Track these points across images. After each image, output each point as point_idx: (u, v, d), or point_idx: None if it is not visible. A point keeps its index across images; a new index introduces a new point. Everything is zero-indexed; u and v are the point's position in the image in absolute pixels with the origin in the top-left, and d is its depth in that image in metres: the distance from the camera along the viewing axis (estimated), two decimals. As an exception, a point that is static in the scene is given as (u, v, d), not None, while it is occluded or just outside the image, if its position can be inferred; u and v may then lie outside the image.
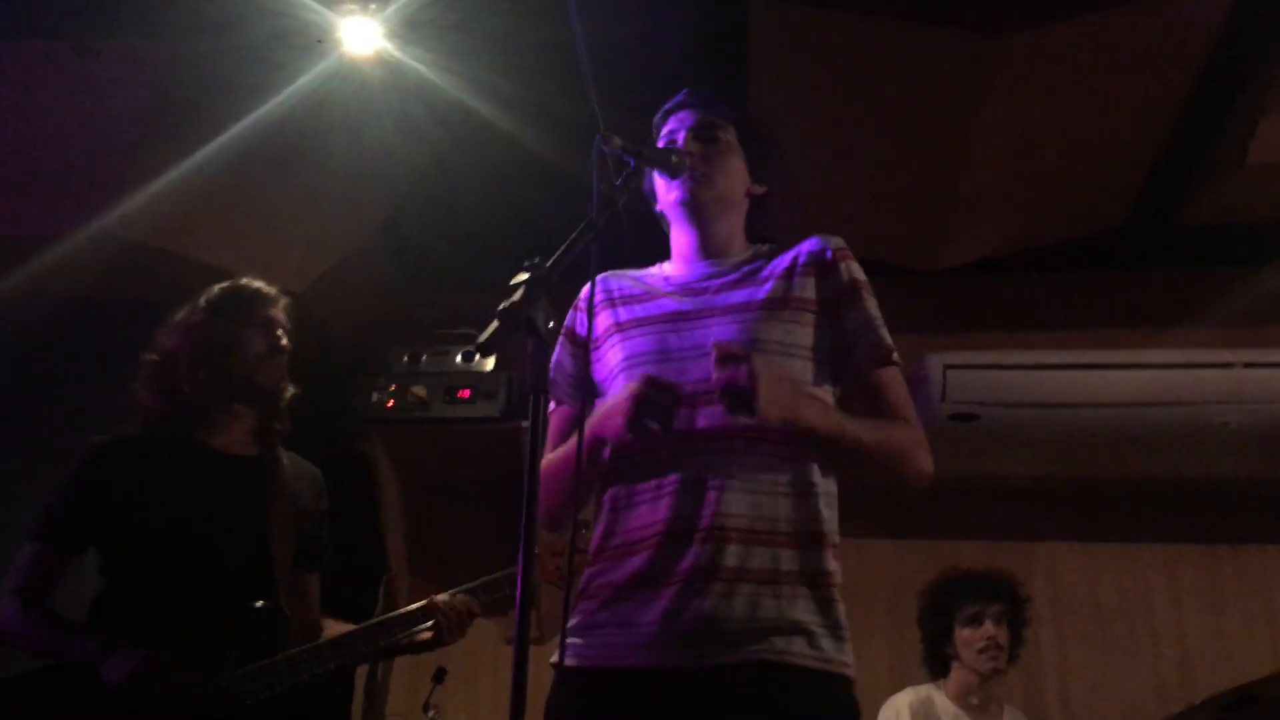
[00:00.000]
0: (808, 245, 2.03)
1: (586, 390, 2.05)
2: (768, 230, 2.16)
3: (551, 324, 1.63)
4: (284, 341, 2.63)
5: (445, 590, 2.67)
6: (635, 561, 1.84)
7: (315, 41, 3.39)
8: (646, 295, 2.09)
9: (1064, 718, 4.75)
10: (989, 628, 3.59)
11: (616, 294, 2.12)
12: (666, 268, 2.16)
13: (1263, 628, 4.88)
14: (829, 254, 2.00)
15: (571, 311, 2.17)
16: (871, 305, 1.99)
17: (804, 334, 1.94)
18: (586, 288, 2.08)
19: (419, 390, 4.48)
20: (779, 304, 1.96)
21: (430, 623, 2.59)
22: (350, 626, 2.63)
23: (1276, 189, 3.87)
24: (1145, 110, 3.80)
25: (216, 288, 2.69)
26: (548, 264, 1.68)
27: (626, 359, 2.00)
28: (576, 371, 2.10)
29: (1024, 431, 4.34)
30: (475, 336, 4.60)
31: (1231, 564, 4.99)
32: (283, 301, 2.70)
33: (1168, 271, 4.52)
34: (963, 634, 3.61)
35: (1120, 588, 5.01)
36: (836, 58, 3.55)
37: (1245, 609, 4.90)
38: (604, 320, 2.09)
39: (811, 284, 1.98)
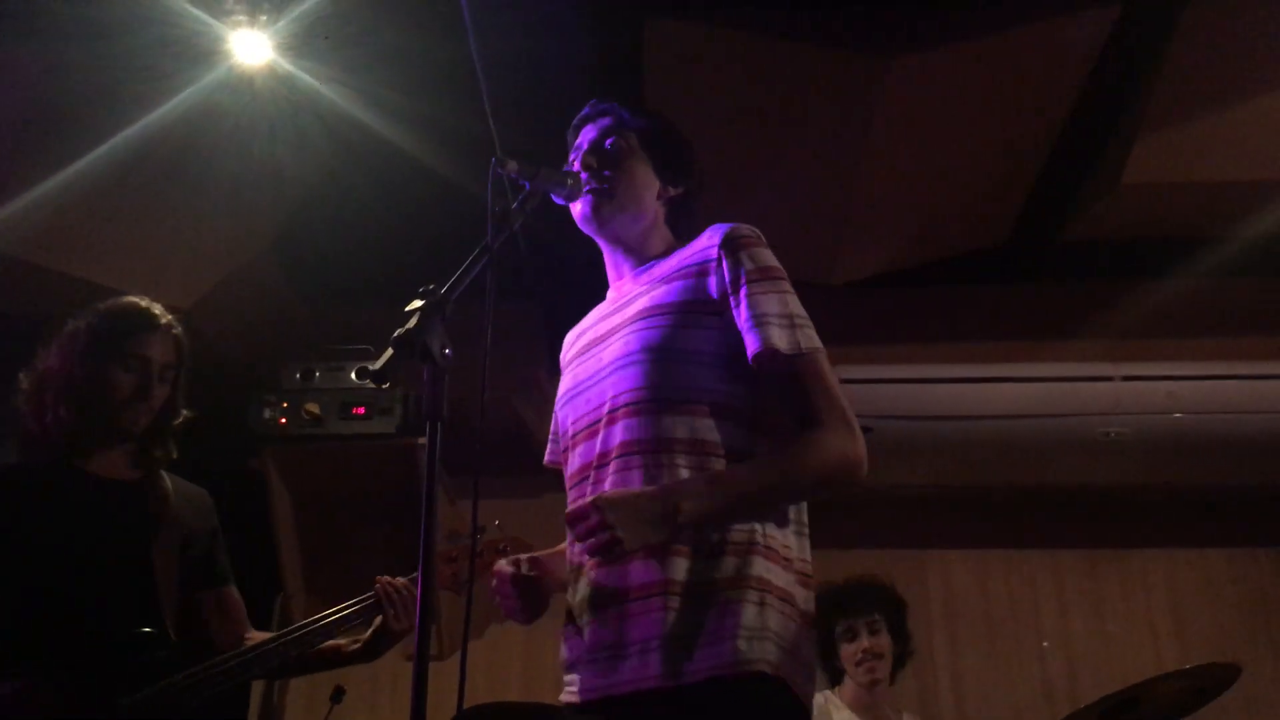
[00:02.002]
0: (703, 240, 1.97)
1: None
2: (697, 228, 2.07)
3: (447, 350, 1.61)
4: (155, 388, 2.53)
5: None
6: (569, 595, 1.87)
7: (204, 53, 3.32)
8: (585, 331, 2.11)
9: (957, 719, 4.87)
10: (863, 640, 3.63)
11: (571, 343, 2.16)
12: (608, 293, 2.15)
13: (1144, 629, 5.07)
14: (714, 251, 1.91)
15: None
16: (762, 299, 1.84)
17: (703, 338, 1.86)
18: (565, 343, 2.18)
19: (313, 407, 4.41)
20: (674, 309, 1.90)
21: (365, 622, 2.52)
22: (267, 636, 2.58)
23: (1152, 208, 4.03)
24: (1027, 132, 3.93)
25: (104, 308, 2.56)
26: (442, 290, 1.66)
27: (558, 402, 2.07)
28: (556, 429, 2.13)
29: (916, 443, 4.44)
30: (370, 352, 4.59)
31: (1114, 568, 5.17)
32: (173, 332, 2.57)
33: (1051, 287, 4.66)
34: (842, 650, 3.66)
35: (1009, 593, 5.15)
36: (730, 76, 3.60)
37: (1127, 611, 5.09)
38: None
39: (705, 283, 1.90)
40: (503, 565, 1.90)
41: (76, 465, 2.49)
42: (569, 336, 2.20)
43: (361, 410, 4.43)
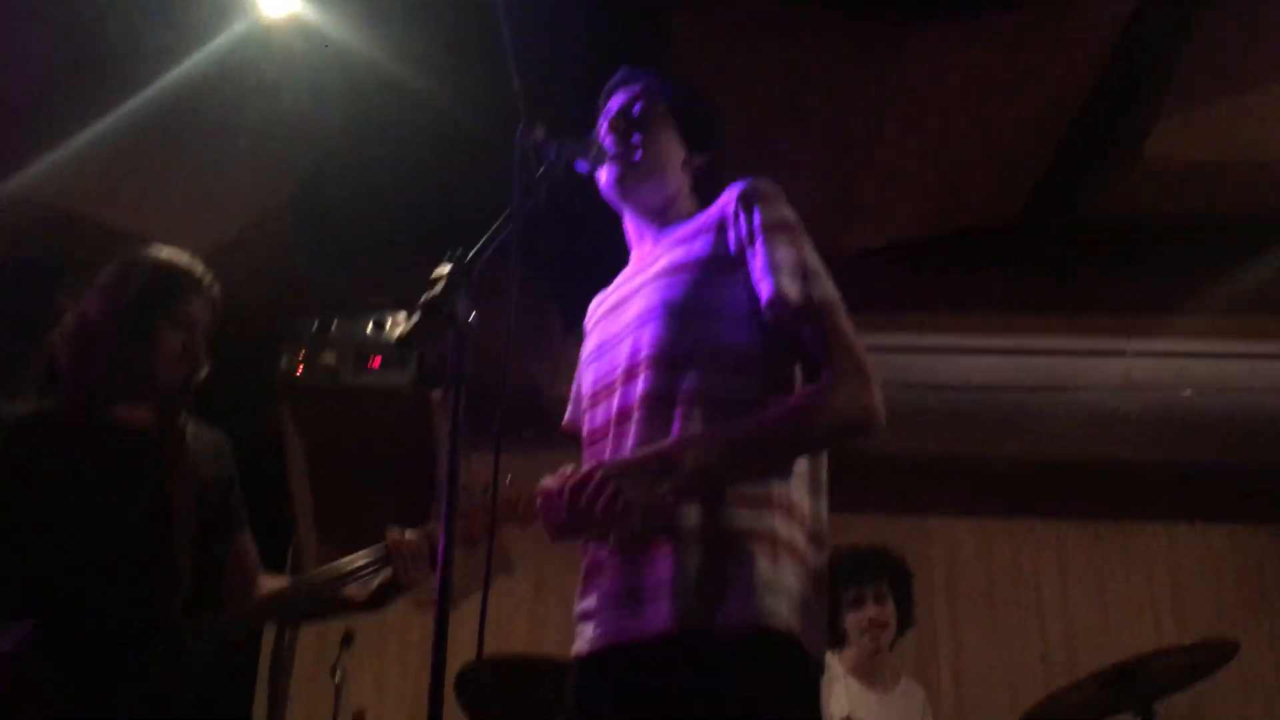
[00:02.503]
0: (723, 196, 1.99)
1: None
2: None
3: (472, 316, 1.64)
4: (200, 348, 2.57)
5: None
6: (588, 549, 1.90)
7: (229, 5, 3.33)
8: (609, 295, 2.13)
9: (955, 688, 4.94)
10: (870, 609, 3.67)
11: (595, 307, 2.17)
12: (631, 258, 2.17)
13: (1143, 601, 5.13)
14: (732, 205, 1.93)
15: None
16: (776, 249, 1.85)
17: (723, 292, 1.88)
18: (590, 309, 2.20)
19: (329, 358, 4.45)
20: (694, 265, 1.92)
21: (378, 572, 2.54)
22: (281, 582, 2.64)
23: (1170, 186, 4.02)
24: (1047, 106, 3.92)
25: (149, 261, 2.56)
26: (468, 256, 1.69)
27: (581, 364, 2.10)
28: (576, 392, 2.16)
29: (922, 412, 4.47)
30: (386, 304, 4.62)
31: (1116, 541, 5.22)
32: (213, 293, 2.60)
33: (1066, 261, 4.64)
34: (848, 617, 3.72)
35: (1012, 562, 5.21)
36: (755, 44, 3.60)
37: (1127, 583, 5.15)
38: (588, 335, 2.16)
39: (724, 238, 1.92)
40: (548, 481, 1.82)
41: (98, 415, 2.53)
42: (594, 302, 2.21)
43: (377, 362, 4.47)
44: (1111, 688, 3.13)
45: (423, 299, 1.62)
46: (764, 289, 1.83)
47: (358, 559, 2.57)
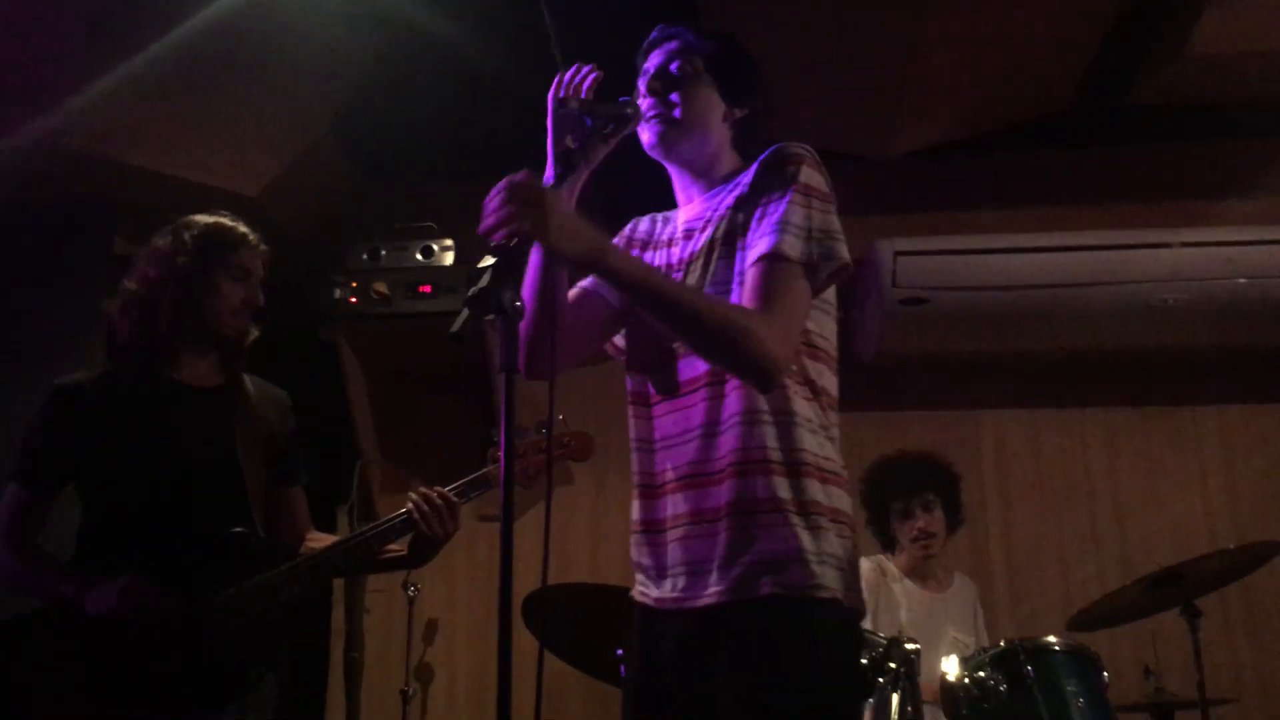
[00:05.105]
0: (754, 165, 2.01)
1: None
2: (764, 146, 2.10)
3: (518, 303, 1.69)
4: (259, 300, 2.68)
5: (421, 481, 2.70)
6: (639, 510, 1.99)
7: None
8: (658, 244, 2.15)
9: (1007, 576, 5.01)
10: (919, 519, 3.76)
11: (638, 236, 2.20)
12: (679, 214, 2.19)
13: (1194, 484, 5.12)
14: (750, 174, 1.97)
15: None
16: (778, 207, 1.88)
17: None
18: (627, 227, 2.22)
19: (380, 286, 4.54)
20: (729, 240, 1.96)
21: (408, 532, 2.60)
22: (331, 539, 2.74)
23: (1218, 78, 3.92)
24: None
25: (199, 223, 2.68)
26: (512, 243, 1.74)
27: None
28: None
29: (971, 312, 4.46)
30: (433, 229, 4.67)
31: (1167, 423, 5.20)
32: (261, 248, 2.72)
33: (1113, 152, 4.56)
34: (898, 526, 3.80)
35: (1061, 450, 5.22)
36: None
37: (1177, 468, 5.14)
38: None
39: (740, 213, 1.96)
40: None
41: (165, 374, 2.64)
42: (636, 227, 2.22)
43: (428, 289, 4.55)
44: (1159, 587, 3.23)
45: (470, 292, 1.67)
46: (753, 240, 1.88)
47: (383, 523, 2.63)
